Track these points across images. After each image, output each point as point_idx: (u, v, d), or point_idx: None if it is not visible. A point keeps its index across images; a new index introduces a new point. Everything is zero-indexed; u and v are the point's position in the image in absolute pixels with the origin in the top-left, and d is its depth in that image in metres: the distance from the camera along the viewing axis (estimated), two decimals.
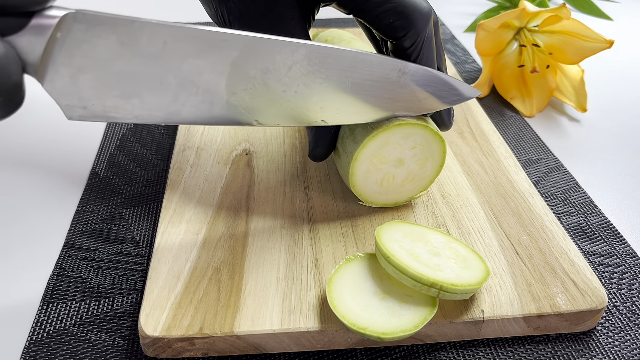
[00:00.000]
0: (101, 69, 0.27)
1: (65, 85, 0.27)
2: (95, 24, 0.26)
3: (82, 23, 0.25)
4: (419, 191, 0.39)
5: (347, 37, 0.48)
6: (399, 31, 0.34)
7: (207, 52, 0.28)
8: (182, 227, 0.37)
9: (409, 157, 0.37)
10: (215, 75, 0.29)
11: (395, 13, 0.33)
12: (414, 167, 0.38)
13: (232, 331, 0.30)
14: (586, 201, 0.45)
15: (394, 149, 0.36)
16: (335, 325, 0.31)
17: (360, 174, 0.37)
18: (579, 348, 0.33)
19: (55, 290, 0.35)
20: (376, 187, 0.38)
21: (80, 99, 0.27)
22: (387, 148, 0.36)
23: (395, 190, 0.38)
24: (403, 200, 0.39)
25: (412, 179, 0.38)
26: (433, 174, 0.39)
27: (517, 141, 0.52)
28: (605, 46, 0.53)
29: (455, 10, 0.82)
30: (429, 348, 0.33)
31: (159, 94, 0.29)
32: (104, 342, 0.32)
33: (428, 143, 0.37)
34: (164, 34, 0.27)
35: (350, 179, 0.37)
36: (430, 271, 0.31)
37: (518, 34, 0.58)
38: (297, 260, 0.35)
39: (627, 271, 0.38)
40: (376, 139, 0.35)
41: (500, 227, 0.38)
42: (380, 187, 0.38)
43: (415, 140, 0.36)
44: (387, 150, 0.36)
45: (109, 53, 0.26)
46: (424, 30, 0.34)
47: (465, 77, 0.63)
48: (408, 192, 0.39)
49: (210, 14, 0.37)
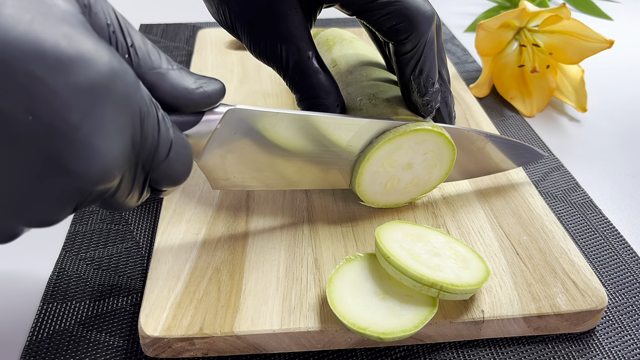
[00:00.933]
0: (248, 150, 0.33)
1: (216, 163, 0.33)
2: (249, 116, 0.32)
3: (240, 116, 0.31)
4: (420, 194, 0.39)
5: (348, 36, 0.47)
6: (401, 34, 0.34)
7: (331, 133, 0.34)
8: (182, 227, 0.37)
9: (419, 162, 0.37)
10: (333, 151, 0.35)
11: (398, 16, 0.33)
12: (420, 172, 0.38)
13: (232, 331, 0.30)
14: (586, 201, 0.45)
15: (406, 153, 0.36)
16: (335, 326, 0.31)
17: (368, 175, 0.36)
18: (579, 348, 0.33)
19: (55, 290, 0.35)
20: (380, 189, 0.38)
21: (225, 172, 0.34)
22: (400, 152, 0.36)
23: (398, 192, 0.38)
24: (403, 202, 0.39)
25: (416, 183, 0.38)
26: (438, 180, 0.39)
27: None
28: (605, 46, 0.53)
29: (455, 10, 0.82)
30: (429, 348, 0.33)
31: (287, 168, 0.35)
32: (104, 342, 0.32)
33: (440, 150, 0.37)
34: (299, 121, 0.33)
35: (357, 179, 0.36)
36: (430, 271, 0.30)
37: (518, 34, 0.58)
38: (297, 260, 0.35)
39: (627, 271, 0.38)
40: (392, 142, 0.35)
41: (500, 227, 0.38)
42: (383, 189, 0.38)
43: (428, 146, 0.36)
44: (399, 154, 0.36)
45: (257, 138, 0.33)
46: (426, 33, 0.34)
47: (465, 77, 0.63)
48: (410, 195, 0.39)
49: (212, 11, 0.37)
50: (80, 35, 0.23)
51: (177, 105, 0.28)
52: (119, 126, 0.24)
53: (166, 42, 0.68)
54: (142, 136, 0.26)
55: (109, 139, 0.23)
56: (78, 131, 0.22)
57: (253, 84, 0.55)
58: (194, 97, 0.29)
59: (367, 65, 0.42)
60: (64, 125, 0.22)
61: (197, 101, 0.29)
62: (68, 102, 0.22)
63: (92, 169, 0.23)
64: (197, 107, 0.29)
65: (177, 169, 0.28)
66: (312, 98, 0.36)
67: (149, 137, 0.26)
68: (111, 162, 0.24)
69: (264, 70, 0.57)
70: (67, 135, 0.22)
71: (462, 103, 0.53)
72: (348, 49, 0.45)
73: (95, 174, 0.23)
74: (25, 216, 0.24)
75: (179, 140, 0.28)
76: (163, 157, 0.27)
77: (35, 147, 0.22)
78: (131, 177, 0.26)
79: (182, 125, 0.30)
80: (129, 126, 0.24)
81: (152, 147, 0.26)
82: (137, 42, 0.27)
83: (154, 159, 0.27)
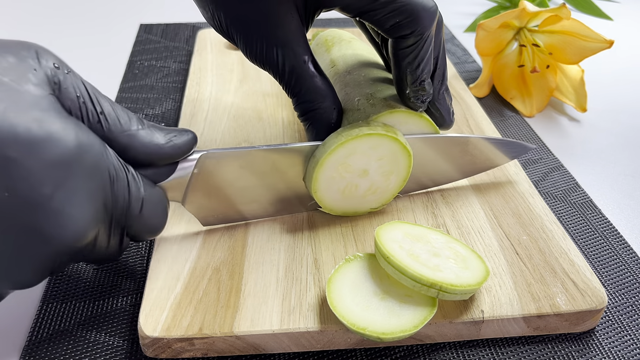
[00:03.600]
0: (227, 188, 0.35)
1: (201, 203, 0.35)
2: (221, 157, 0.34)
3: (212, 159, 0.33)
4: (381, 204, 0.38)
5: (347, 37, 0.47)
6: (404, 29, 0.34)
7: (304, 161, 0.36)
8: (182, 227, 0.37)
9: (374, 169, 0.36)
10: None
11: (402, 13, 0.33)
12: (378, 179, 0.37)
13: (231, 331, 0.30)
14: (586, 201, 0.45)
15: (360, 158, 0.35)
16: (334, 326, 0.31)
17: (324, 181, 0.35)
18: (579, 348, 0.33)
19: (55, 290, 0.35)
20: (338, 195, 0.37)
21: (213, 211, 0.36)
22: (353, 157, 0.35)
23: (357, 201, 0.38)
24: (363, 211, 0.39)
25: (374, 191, 0.37)
26: (396, 187, 0.38)
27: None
28: (605, 46, 0.53)
29: (455, 10, 0.82)
30: (428, 348, 0.33)
31: (271, 197, 0.37)
32: (104, 342, 0.32)
33: (395, 156, 0.36)
34: (272, 156, 0.35)
35: (312, 185, 0.35)
36: (430, 271, 0.30)
37: (518, 34, 0.58)
38: (297, 260, 0.35)
39: (627, 271, 0.38)
40: (344, 147, 0.34)
41: (500, 227, 0.38)
42: (341, 196, 0.37)
43: (382, 151, 0.36)
44: (353, 159, 0.35)
45: (232, 175, 0.35)
46: (428, 28, 0.34)
47: (465, 77, 0.63)
48: (369, 204, 0.38)
49: (207, 17, 0.36)
50: (50, 117, 0.25)
51: (150, 160, 0.31)
52: (89, 192, 0.26)
53: (166, 42, 0.68)
54: (113, 197, 0.28)
55: (81, 205, 0.26)
56: (51, 201, 0.25)
57: (253, 84, 0.55)
58: (165, 151, 0.31)
59: (366, 66, 0.42)
60: (38, 197, 0.25)
61: (169, 154, 0.31)
62: (41, 178, 0.25)
63: (67, 233, 0.26)
64: (171, 159, 0.32)
65: (151, 222, 0.31)
66: (309, 102, 0.36)
67: (120, 197, 0.29)
68: (84, 225, 0.26)
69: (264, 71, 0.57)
70: (42, 206, 0.25)
71: (462, 103, 0.53)
72: (347, 50, 0.45)
73: (70, 237, 0.26)
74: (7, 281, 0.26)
75: (151, 196, 0.31)
76: (136, 213, 0.30)
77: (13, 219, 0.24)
78: (106, 233, 0.29)
79: (159, 176, 0.32)
80: (100, 191, 0.27)
81: (123, 206, 0.29)
82: (107, 108, 0.29)
83: (127, 216, 0.30)
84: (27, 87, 0.25)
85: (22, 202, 0.24)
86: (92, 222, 0.27)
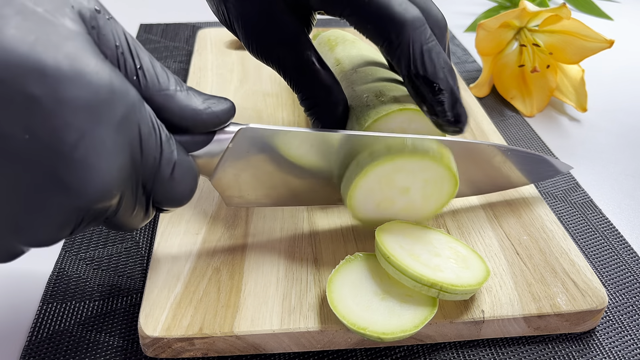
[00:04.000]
0: (259, 168, 0.33)
1: (229, 181, 0.33)
2: (261, 134, 0.31)
3: (250, 135, 0.31)
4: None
5: (350, 37, 0.47)
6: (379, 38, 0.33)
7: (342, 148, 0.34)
8: (181, 227, 0.37)
9: (417, 189, 0.35)
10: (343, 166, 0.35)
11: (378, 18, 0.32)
12: (417, 199, 0.35)
13: (231, 331, 0.30)
14: (586, 201, 0.45)
15: (406, 176, 0.34)
16: (335, 326, 0.31)
17: (363, 190, 0.34)
18: (579, 348, 0.33)
19: (55, 291, 0.35)
20: (372, 207, 0.35)
21: (239, 190, 0.34)
22: (399, 174, 0.34)
23: (387, 215, 0.36)
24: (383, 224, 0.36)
25: (409, 210, 0.36)
26: (432, 211, 0.36)
27: (517, 141, 0.52)
28: (605, 46, 0.53)
29: (455, 10, 0.82)
30: (429, 348, 0.33)
31: (301, 185, 0.35)
32: (104, 342, 0.32)
33: (442, 182, 0.35)
34: (310, 139, 0.33)
35: (349, 191, 0.34)
36: (430, 271, 0.30)
37: (518, 33, 0.58)
38: (297, 260, 0.35)
39: (627, 271, 0.38)
40: (394, 162, 0.33)
41: (501, 227, 0.38)
42: (375, 208, 0.35)
43: (430, 175, 0.34)
44: (399, 175, 0.34)
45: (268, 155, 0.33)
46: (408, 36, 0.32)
47: (465, 77, 0.63)
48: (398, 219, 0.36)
49: (214, 10, 0.37)
50: (84, 55, 0.23)
51: (185, 126, 0.29)
52: (117, 146, 0.24)
53: (166, 42, 0.68)
54: (143, 156, 0.26)
55: (107, 158, 0.23)
56: (75, 150, 0.22)
57: (253, 84, 0.55)
58: (202, 117, 0.29)
59: (372, 65, 0.41)
60: (61, 144, 0.22)
61: (205, 121, 0.29)
62: (66, 122, 0.22)
63: (89, 188, 0.23)
64: (205, 128, 0.29)
65: (180, 190, 0.29)
66: (314, 97, 0.35)
67: (150, 157, 0.26)
68: (109, 181, 0.24)
69: (264, 70, 0.57)
70: (65, 154, 0.22)
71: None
72: (351, 50, 0.44)
73: (93, 192, 0.23)
74: (25, 235, 0.24)
75: (183, 162, 0.28)
76: (166, 178, 0.28)
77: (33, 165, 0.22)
78: (132, 196, 0.26)
79: (193, 145, 0.30)
80: (128, 146, 0.25)
81: (153, 167, 0.27)
82: (146, 64, 0.27)
83: (155, 179, 0.27)
84: (62, 21, 0.23)
85: (43, 147, 0.22)
86: (117, 179, 0.24)
